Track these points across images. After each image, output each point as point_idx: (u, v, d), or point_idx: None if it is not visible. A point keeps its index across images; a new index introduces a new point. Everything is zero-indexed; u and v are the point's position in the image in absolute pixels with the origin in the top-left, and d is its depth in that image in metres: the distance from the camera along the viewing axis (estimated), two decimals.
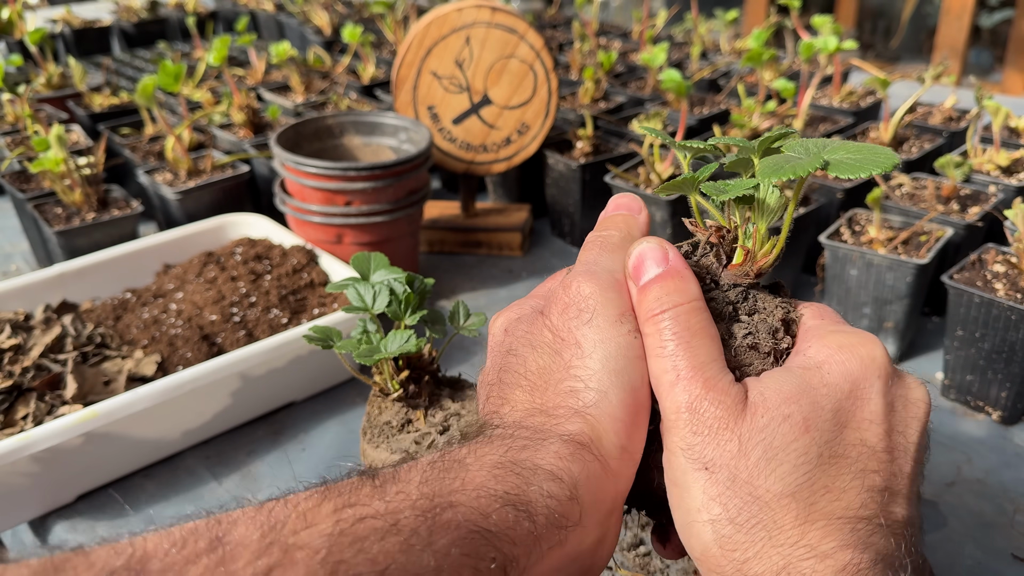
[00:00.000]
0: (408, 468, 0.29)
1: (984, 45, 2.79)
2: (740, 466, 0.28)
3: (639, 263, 0.32)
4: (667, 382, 0.30)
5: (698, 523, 0.29)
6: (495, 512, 0.27)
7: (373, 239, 0.93)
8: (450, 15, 0.99)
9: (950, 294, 0.76)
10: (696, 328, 0.31)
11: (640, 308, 0.32)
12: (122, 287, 0.89)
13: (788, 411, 0.29)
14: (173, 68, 1.01)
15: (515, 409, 0.33)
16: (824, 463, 0.28)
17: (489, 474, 0.28)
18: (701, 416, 0.29)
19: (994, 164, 0.98)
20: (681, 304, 0.31)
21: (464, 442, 0.31)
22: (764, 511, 0.28)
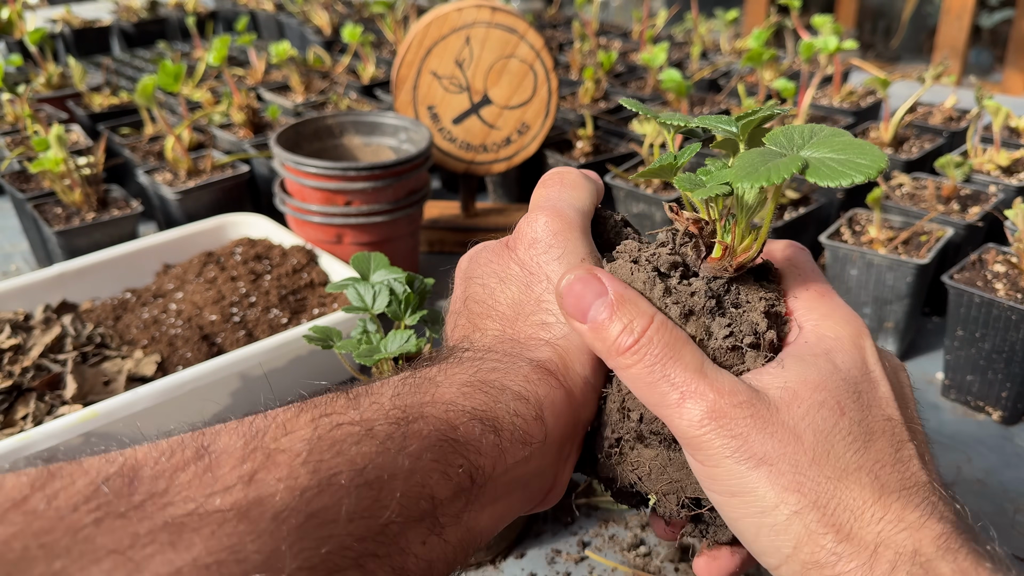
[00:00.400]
0: (381, 384, 0.30)
1: (984, 45, 2.79)
2: (798, 452, 0.28)
3: (578, 300, 0.31)
4: (672, 403, 0.29)
5: (779, 522, 0.28)
6: (463, 425, 0.29)
7: (373, 239, 0.93)
8: (450, 15, 0.99)
9: (950, 294, 0.76)
10: (673, 340, 0.30)
11: (605, 347, 0.30)
12: (122, 287, 0.89)
13: (821, 398, 0.29)
14: (173, 68, 1.01)
15: (485, 335, 0.34)
16: (868, 440, 0.28)
17: (458, 391, 0.30)
18: (730, 418, 0.28)
19: (994, 164, 0.98)
20: (648, 326, 0.30)
21: (435, 362, 0.32)
22: (841, 492, 0.27)
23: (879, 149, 0.29)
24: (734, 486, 0.28)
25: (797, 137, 0.30)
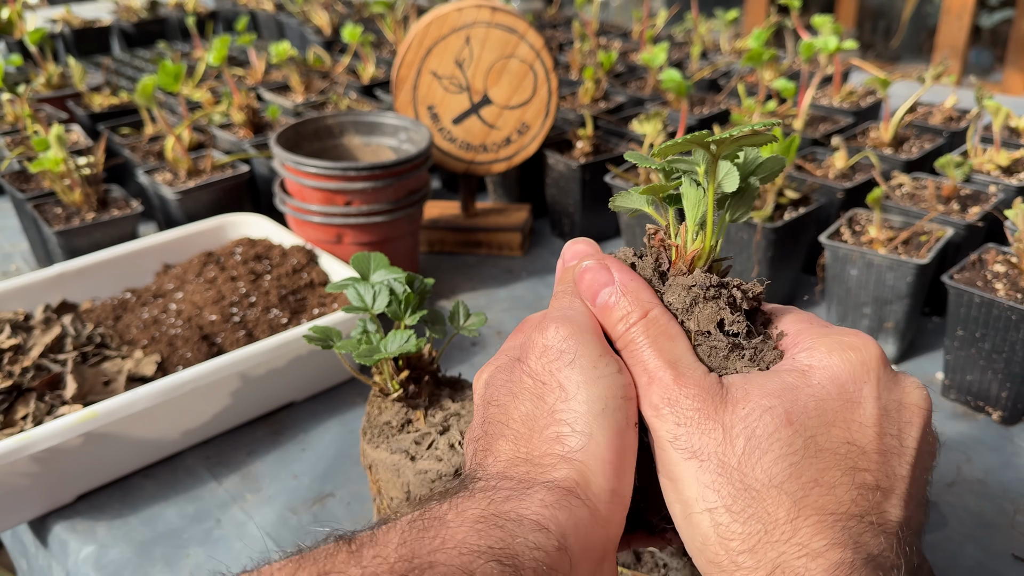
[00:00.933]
0: (386, 530, 0.28)
1: (984, 45, 2.79)
2: (727, 453, 0.29)
3: (589, 286, 0.34)
4: (643, 385, 0.31)
5: (695, 513, 0.29)
6: (479, 568, 0.26)
7: (373, 239, 0.93)
8: (450, 15, 0.99)
9: (950, 294, 0.76)
10: (659, 331, 0.32)
11: (609, 330, 0.33)
12: (122, 287, 0.89)
13: (769, 404, 0.29)
14: (173, 68, 1.01)
15: (498, 460, 0.32)
16: (810, 456, 0.28)
17: (471, 529, 0.28)
18: (680, 407, 0.30)
19: (994, 164, 0.98)
20: (641, 317, 0.32)
21: (445, 497, 0.30)
22: (757, 502, 0.28)
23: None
24: (671, 471, 0.30)
25: None
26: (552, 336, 0.32)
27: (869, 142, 1.10)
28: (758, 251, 0.88)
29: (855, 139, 1.12)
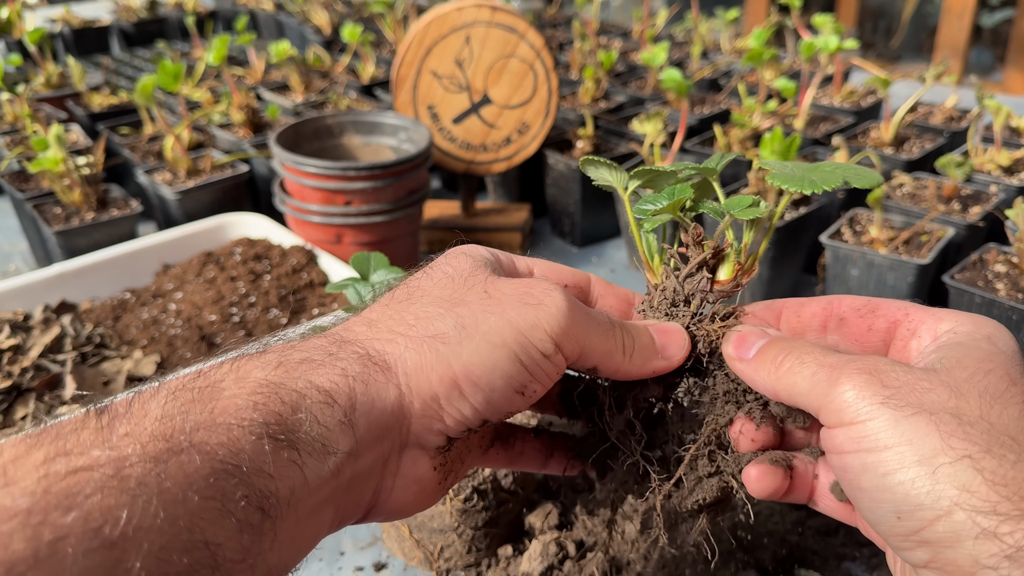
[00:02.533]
0: (147, 397, 0.25)
1: (985, 45, 2.79)
2: (962, 406, 0.26)
3: (740, 344, 0.35)
4: (822, 376, 0.29)
5: (945, 465, 0.25)
6: (249, 445, 0.24)
7: (373, 239, 0.93)
8: (450, 14, 0.99)
9: (951, 294, 0.76)
10: (815, 346, 0.32)
11: (765, 369, 0.33)
12: (121, 287, 0.89)
13: (989, 367, 0.28)
14: (172, 67, 1.01)
15: (358, 324, 0.31)
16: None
17: (247, 400, 0.25)
18: (884, 372, 0.28)
19: (995, 164, 0.98)
20: (795, 344, 0.32)
21: (233, 356, 0.28)
22: (1018, 445, 0.25)
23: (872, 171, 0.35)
24: (884, 439, 0.26)
25: (795, 168, 0.36)
26: (545, 288, 0.32)
27: (870, 142, 1.10)
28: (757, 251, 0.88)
29: (856, 139, 1.11)
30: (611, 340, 0.33)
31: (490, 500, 0.55)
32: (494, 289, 0.32)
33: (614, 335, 0.33)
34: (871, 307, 0.34)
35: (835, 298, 0.36)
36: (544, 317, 0.30)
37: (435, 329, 0.30)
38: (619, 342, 0.34)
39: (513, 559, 0.56)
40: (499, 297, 0.31)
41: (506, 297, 0.31)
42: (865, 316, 0.34)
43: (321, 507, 0.27)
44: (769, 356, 0.32)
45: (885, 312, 0.34)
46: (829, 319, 0.35)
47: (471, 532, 0.55)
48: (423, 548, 0.56)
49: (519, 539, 0.58)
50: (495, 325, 0.30)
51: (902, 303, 0.34)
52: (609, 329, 0.33)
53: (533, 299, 0.31)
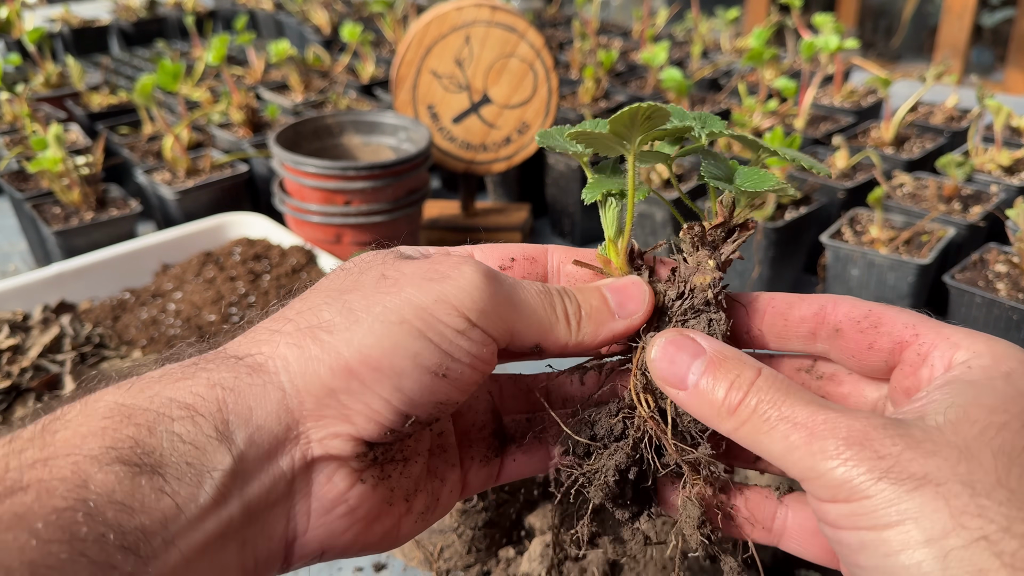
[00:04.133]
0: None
1: (986, 44, 2.79)
2: (976, 472, 0.22)
3: (671, 365, 0.28)
4: (799, 442, 0.24)
5: (958, 549, 0.21)
6: (98, 475, 0.21)
7: (373, 238, 0.93)
8: (450, 14, 0.99)
9: (952, 294, 0.76)
10: (783, 384, 0.26)
11: (714, 411, 0.27)
12: (120, 287, 0.89)
13: (1004, 419, 0.24)
14: (171, 67, 1.01)
15: (237, 333, 0.28)
16: None
17: (95, 427, 0.22)
18: (874, 440, 0.23)
19: (996, 164, 0.98)
20: (754, 378, 0.26)
21: (83, 394, 0.24)
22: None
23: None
24: (885, 516, 0.22)
25: None
26: (456, 262, 0.29)
27: (870, 141, 1.10)
28: (759, 251, 0.88)
29: (856, 138, 1.11)
30: (548, 311, 0.29)
31: (490, 500, 0.55)
32: (393, 271, 0.28)
33: (552, 304, 0.29)
34: (873, 320, 0.29)
35: (830, 300, 0.31)
36: (451, 290, 0.27)
37: (318, 319, 0.26)
38: (559, 311, 0.29)
39: (513, 560, 0.56)
40: (397, 278, 0.27)
41: (406, 276, 0.27)
42: (866, 331, 0.29)
43: (217, 544, 0.23)
44: (714, 393, 0.27)
45: (890, 329, 0.29)
46: (821, 327, 0.31)
47: (471, 532, 0.55)
48: (423, 548, 0.56)
49: (519, 539, 0.58)
50: (391, 304, 0.26)
51: (910, 317, 0.29)
52: (544, 298, 0.29)
53: (437, 274, 0.27)
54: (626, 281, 0.32)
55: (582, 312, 0.30)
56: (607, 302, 0.31)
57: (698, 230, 0.33)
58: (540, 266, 0.34)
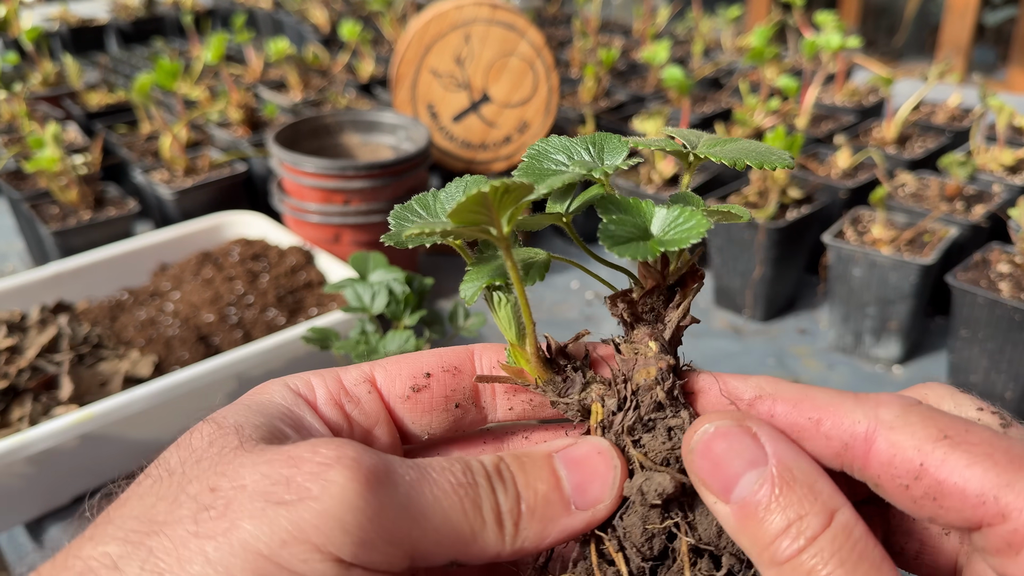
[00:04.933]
0: None
1: (988, 43, 2.78)
2: None
3: (718, 466, 0.21)
4: None
5: None
6: None
7: (371, 238, 0.92)
8: (450, 12, 0.98)
9: (954, 294, 0.76)
10: (856, 555, 0.19)
11: (756, 545, 0.20)
12: (118, 286, 0.88)
13: None
14: (169, 65, 1.01)
15: None
16: None
17: None
18: None
19: (998, 163, 0.98)
20: (820, 529, 0.19)
21: None
22: None
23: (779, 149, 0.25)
24: None
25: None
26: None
27: (872, 140, 1.09)
28: (760, 251, 0.87)
29: (858, 137, 1.11)
30: (469, 513, 0.21)
31: None
32: (226, 482, 0.20)
33: (476, 502, 0.21)
34: (923, 473, 0.20)
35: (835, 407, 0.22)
36: (310, 518, 0.19)
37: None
38: (487, 509, 0.21)
39: None
40: (229, 499, 0.19)
41: (242, 497, 0.19)
42: (912, 487, 0.20)
43: None
44: (763, 525, 0.20)
45: (955, 494, 0.19)
46: (841, 455, 0.21)
47: None
48: None
49: None
50: (217, 556, 0.18)
51: (984, 464, 0.19)
52: (463, 495, 0.21)
53: (291, 491, 0.19)
54: (588, 449, 0.23)
55: (522, 507, 0.22)
56: (560, 486, 0.22)
57: (623, 306, 0.25)
58: (465, 378, 0.26)
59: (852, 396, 0.22)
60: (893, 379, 0.84)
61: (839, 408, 0.21)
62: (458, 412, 0.26)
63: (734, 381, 0.24)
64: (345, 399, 0.25)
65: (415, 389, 0.25)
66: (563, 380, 0.25)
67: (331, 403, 0.25)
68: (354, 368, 0.26)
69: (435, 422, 0.26)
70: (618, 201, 0.25)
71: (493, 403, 0.26)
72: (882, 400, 0.21)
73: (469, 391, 0.26)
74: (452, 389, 0.26)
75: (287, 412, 0.23)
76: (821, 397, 0.22)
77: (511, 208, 0.22)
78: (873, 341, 0.85)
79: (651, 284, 0.25)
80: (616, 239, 0.23)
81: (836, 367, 0.86)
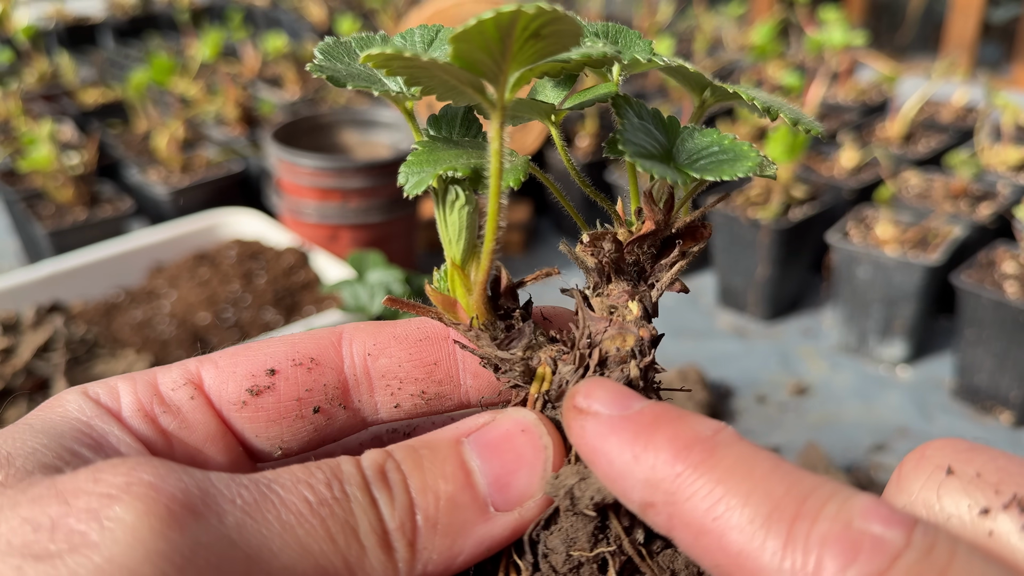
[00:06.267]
0: None
1: (994, 39, 2.77)
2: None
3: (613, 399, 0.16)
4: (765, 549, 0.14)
5: None
6: None
7: (370, 237, 0.91)
8: (449, 9, 0.97)
9: (959, 294, 0.75)
10: (743, 454, 0.15)
11: (628, 483, 0.15)
12: (114, 285, 0.87)
13: None
14: (165, 63, 1.00)
15: None
16: None
17: None
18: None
19: (1004, 161, 0.97)
20: (697, 441, 0.15)
21: None
22: None
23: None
24: None
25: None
26: None
27: (877, 139, 1.08)
28: (764, 251, 0.86)
29: (863, 135, 1.10)
30: (336, 541, 0.16)
31: None
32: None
33: (343, 525, 0.16)
34: None
35: None
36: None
37: None
38: (365, 532, 0.16)
39: None
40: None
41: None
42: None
43: None
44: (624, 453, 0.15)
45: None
46: None
47: None
48: None
49: None
50: None
51: None
52: (325, 516, 0.16)
53: (58, 539, 0.14)
54: (509, 427, 0.17)
55: (417, 519, 0.16)
56: (471, 482, 0.17)
57: (609, 246, 0.20)
58: (328, 372, 0.20)
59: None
60: (897, 380, 0.83)
61: None
62: (319, 419, 0.19)
63: None
64: (160, 409, 0.19)
65: (254, 392, 0.19)
66: (506, 328, 0.19)
67: (140, 414, 0.19)
68: (176, 367, 0.20)
69: (287, 433, 0.19)
70: (638, 105, 0.19)
71: (372, 400, 0.20)
72: (928, 446, 0.16)
73: (334, 388, 0.19)
74: (307, 389, 0.19)
75: (86, 429, 0.18)
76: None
77: (528, 65, 0.16)
78: (878, 341, 0.84)
79: (648, 227, 0.19)
80: (640, 150, 0.17)
81: (840, 368, 0.85)
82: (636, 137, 0.18)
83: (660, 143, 0.19)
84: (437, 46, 0.20)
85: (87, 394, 0.19)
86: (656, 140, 0.19)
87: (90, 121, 1.26)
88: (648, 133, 0.19)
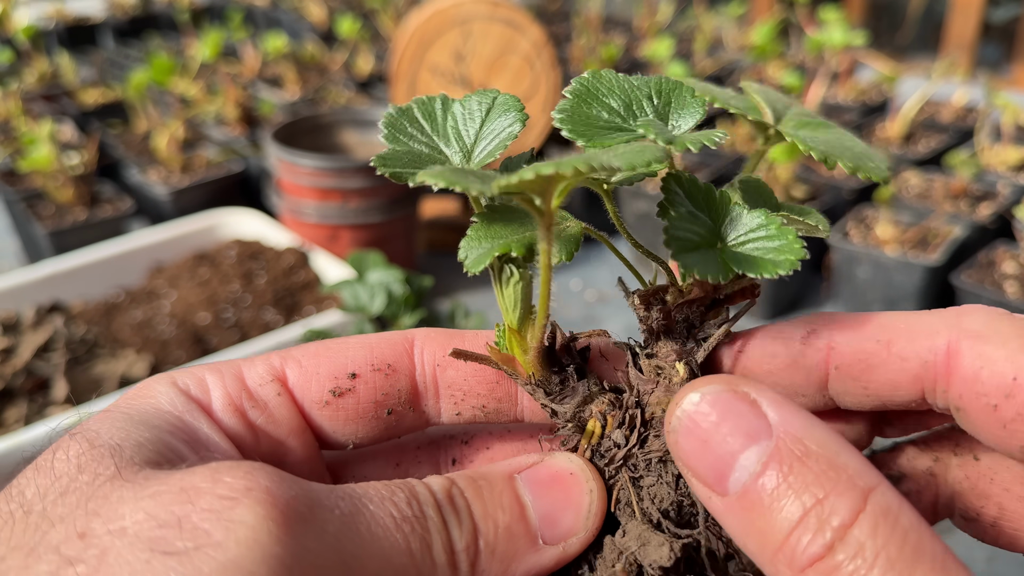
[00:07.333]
0: None
1: (994, 39, 2.77)
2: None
3: (708, 445, 0.16)
4: None
5: None
6: None
7: (370, 237, 0.91)
8: (450, 9, 0.97)
9: (959, 294, 0.75)
10: (912, 543, 0.14)
11: (765, 551, 0.15)
12: (114, 285, 0.87)
13: None
14: (165, 63, 1.00)
15: None
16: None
17: None
18: None
19: (1004, 161, 0.97)
20: (854, 515, 0.14)
21: None
22: None
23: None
24: None
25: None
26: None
27: (877, 139, 1.08)
28: None
29: (863, 136, 1.10)
30: (415, 555, 0.17)
31: None
32: (100, 525, 0.15)
33: (425, 541, 0.17)
34: (1016, 389, 0.17)
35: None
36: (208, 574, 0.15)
37: None
38: (439, 548, 0.17)
39: None
40: (103, 550, 0.15)
41: (120, 545, 0.15)
42: (1002, 407, 0.17)
43: None
44: (773, 520, 0.15)
45: None
46: None
47: None
48: None
49: None
50: None
51: None
52: (408, 531, 0.17)
53: (186, 536, 0.15)
54: (558, 468, 0.19)
55: (480, 544, 0.18)
56: (525, 515, 0.18)
57: (657, 314, 0.20)
58: (402, 379, 0.21)
59: (926, 311, 0.18)
60: None
61: (913, 324, 0.17)
62: (390, 419, 0.21)
63: (772, 332, 0.19)
64: (248, 404, 0.20)
65: (336, 394, 0.21)
66: (560, 382, 0.20)
67: (231, 409, 0.20)
68: (260, 362, 0.21)
69: (362, 431, 0.21)
70: (688, 185, 0.19)
71: (436, 406, 0.22)
72: (964, 309, 0.18)
73: (406, 394, 0.21)
74: (384, 393, 0.21)
75: (178, 423, 0.18)
76: (887, 316, 0.18)
77: (569, 182, 0.18)
78: None
79: (696, 294, 0.20)
80: (685, 244, 0.18)
81: None
82: (682, 231, 0.18)
83: (707, 227, 0.19)
84: (494, 116, 0.21)
85: (176, 384, 0.20)
86: (703, 226, 0.19)
87: (90, 121, 1.26)
88: (695, 220, 0.19)
